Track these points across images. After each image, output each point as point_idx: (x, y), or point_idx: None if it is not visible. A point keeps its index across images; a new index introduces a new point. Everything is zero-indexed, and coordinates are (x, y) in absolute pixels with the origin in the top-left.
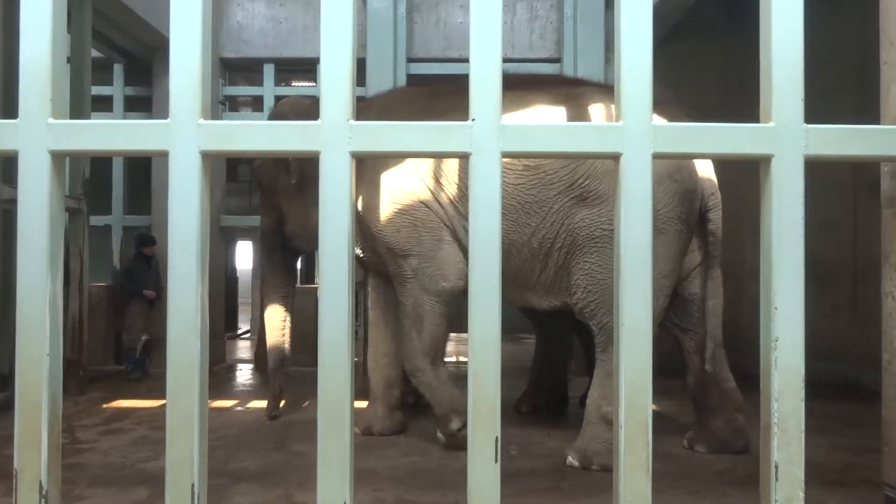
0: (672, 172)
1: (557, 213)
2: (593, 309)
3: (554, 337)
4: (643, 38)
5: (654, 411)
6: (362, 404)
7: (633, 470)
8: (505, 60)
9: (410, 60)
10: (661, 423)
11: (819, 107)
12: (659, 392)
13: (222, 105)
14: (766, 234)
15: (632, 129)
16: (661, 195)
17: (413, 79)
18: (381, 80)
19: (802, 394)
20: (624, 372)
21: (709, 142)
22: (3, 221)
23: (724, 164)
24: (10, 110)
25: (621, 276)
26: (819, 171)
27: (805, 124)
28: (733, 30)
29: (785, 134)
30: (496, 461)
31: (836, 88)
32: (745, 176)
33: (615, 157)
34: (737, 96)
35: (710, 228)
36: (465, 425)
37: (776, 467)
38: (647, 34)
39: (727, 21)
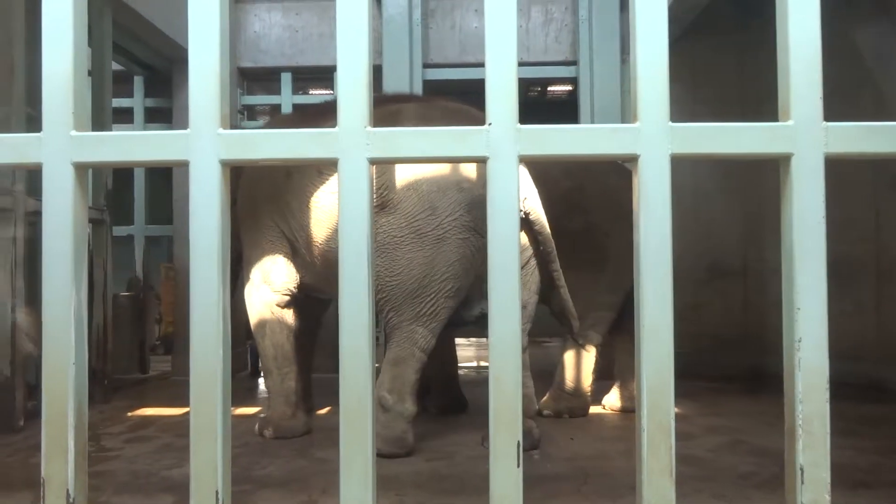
0: (460, 181)
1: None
2: (381, 306)
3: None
4: (658, 38)
5: (676, 413)
6: None
7: (656, 473)
8: (520, 64)
9: (426, 66)
10: (684, 426)
11: (837, 105)
12: (681, 394)
13: (241, 114)
14: (787, 234)
15: (649, 131)
16: (446, 204)
17: (429, 84)
18: (398, 86)
19: (827, 395)
20: (645, 374)
21: (727, 141)
22: (29, 233)
23: (742, 164)
24: (34, 124)
25: (641, 279)
26: (839, 169)
27: (824, 122)
28: (749, 28)
29: (804, 132)
30: (518, 466)
31: (854, 86)
32: (764, 175)
33: (633, 159)
34: (754, 95)
35: (535, 229)
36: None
37: (802, 470)
38: (663, 35)
39: (743, 19)
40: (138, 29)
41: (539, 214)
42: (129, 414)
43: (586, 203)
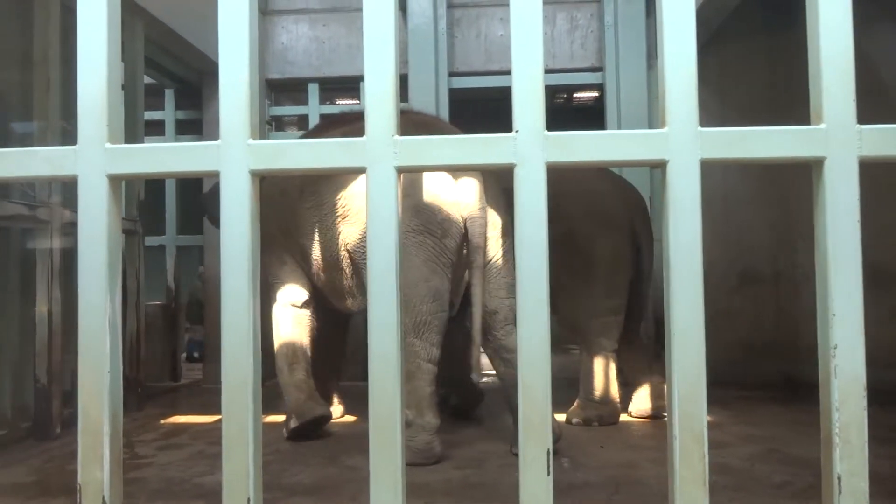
0: (405, 187)
1: (332, 230)
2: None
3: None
4: (686, 42)
5: (708, 422)
6: None
7: (689, 483)
8: (546, 71)
9: (452, 75)
10: (717, 434)
11: (870, 108)
12: (712, 402)
13: (269, 125)
14: (820, 240)
15: (678, 136)
16: None
17: (455, 93)
18: (424, 94)
19: (864, 403)
20: (676, 382)
21: (758, 145)
22: (64, 244)
23: (773, 169)
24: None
25: (671, 286)
26: (874, 172)
27: (858, 125)
28: (779, 30)
29: (837, 135)
30: (548, 474)
31: (887, 89)
32: (795, 180)
33: (661, 165)
34: (785, 99)
35: (469, 238)
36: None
37: (839, 479)
38: (691, 39)
39: (772, 21)
40: (169, 43)
41: (479, 226)
42: (162, 421)
43: (569, 210)
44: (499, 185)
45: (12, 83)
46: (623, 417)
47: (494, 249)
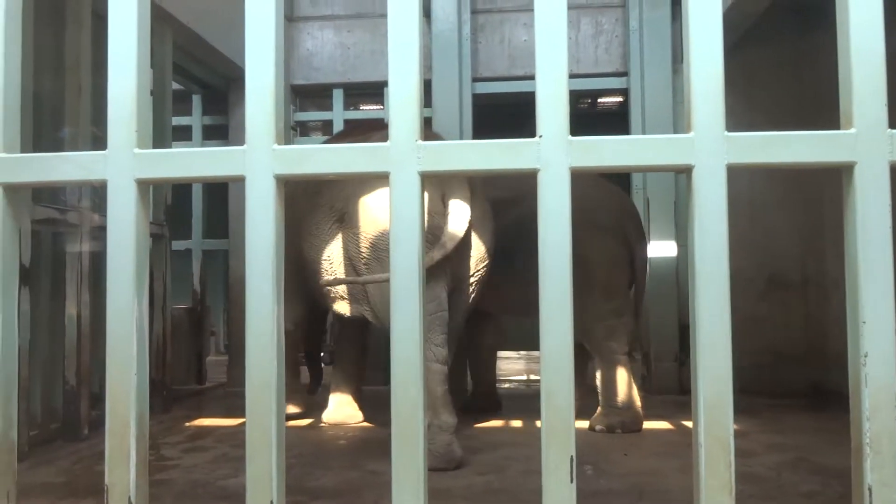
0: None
1: (330, 233)
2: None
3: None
4: (713, 46)
5: (734, 430)
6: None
7: (715, 491)
8: (570, 76)
9: (476, 80)
10: (743, 443)
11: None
12: (739, 410)
13: (294, 130)
14: (851, 245)
15: (704, 140)
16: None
17: (478, 98)
18: (447, 100)
19: (895, 412)
20: (702, 389)
21: (786, 150)
22: (93, 248)
23: (801, 174)
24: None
25: (697, 291)
26: None
27: (889, 129)
28: (807, 33)
29: (868, 140)
30: (571, 481)
31: None
32: (824, 185)
33: (687, 170)
34: (813, 103)
35: (436, 248)
36: None
37: (870, 490)
38: (717, 43)
39: (800, 25)
40: (197, 49)
41: (447, 239)
42: (187, 424)
43: None
44: (484, 203)
45: (45, 89)
46: (650, 425)
47: (470, 270)
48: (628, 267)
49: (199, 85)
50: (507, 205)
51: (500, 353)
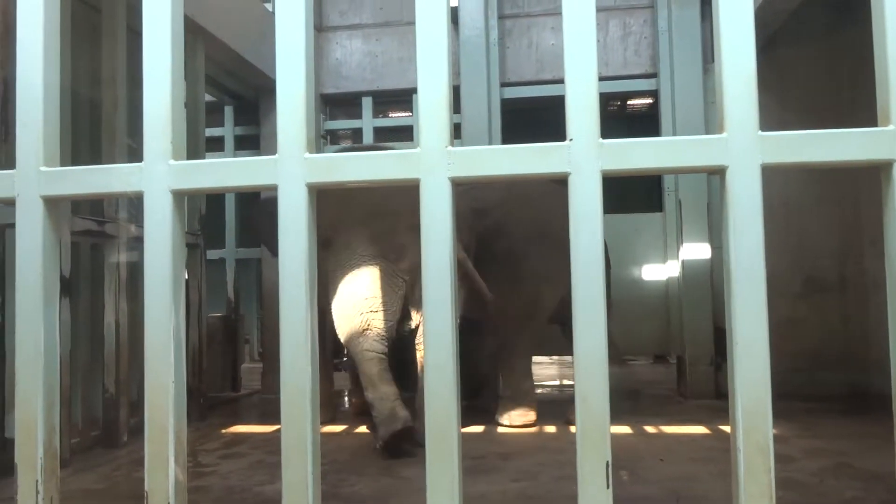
0: (364, 220)
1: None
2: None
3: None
4: (745, 45)
5: (773, 435)
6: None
7: (754, 498)
8: (599, 78)
9: (504, 85)
10: (783, 448)
11: None
12: (777, 415)
13: (324, 139)
14: (891, 245)
15: (737, 141)
16: (358, 239)
17: (507, 103)
18: (476, 105)
19: None
20: (739, 394)
21: (823, 149)
22: (130, 258)
23: (837, 173)
24: (134, 155)
25: (733, 294)
26: None
27: None
28: (841, 30)
29: None
30: (608, 487)
31: None
32: (861, 183)
33: (720, 171)
34: (848, 102)
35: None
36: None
37: None
38: (749, 41)
39: (833, 21)
40: (229, 61)
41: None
42: (223, 431)
43: (511, 229)
44: (464, 211)
45: (83, 104)
46: (688, 430)
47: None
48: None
49: (230, 96)
50: (477, 215)
51: (534, 358)
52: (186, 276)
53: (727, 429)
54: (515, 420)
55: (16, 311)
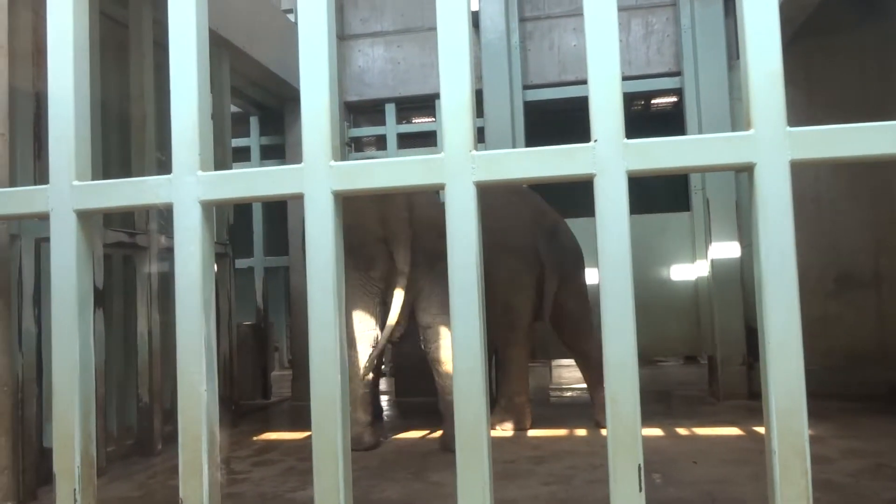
0: (347, 235)
1: None
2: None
3: None
4: (771, 41)
5: (809, 435)
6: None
7: (791, 500)
8: (623, 78)
9: (526, 87)
10: (819, 448)
11: None
12: (812, 414)
13: (348, 147)
14: None
15: (765, 137)
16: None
17: (530, 105)
18: (499, 109)
19: None
20: (774, 394)
21: (853, 144)
22: (161, 268)
23: (869, 167)
24: (163, 167)
25: (764, 293)
26: None
27: None
28: (868, 24)
29: None
30: (640, 490)
31: None
32: (892, 176)
33: (748, 168)
34: (877, 97)
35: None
36: None
37: None
38: (775, 37)
39: (861, 14)
40: (253, 72)
41: (403, 255)
42: (255, 438)
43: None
44: (434, 206)
45: (113, 118)
46: (720, 431)
47: (425, 271)
48: (535, 288)
49: (255, 106)
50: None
51: (561, 362)
52: (216, 286)
53: (761, 430)
54: (508, 428)
55: (52, 322)
